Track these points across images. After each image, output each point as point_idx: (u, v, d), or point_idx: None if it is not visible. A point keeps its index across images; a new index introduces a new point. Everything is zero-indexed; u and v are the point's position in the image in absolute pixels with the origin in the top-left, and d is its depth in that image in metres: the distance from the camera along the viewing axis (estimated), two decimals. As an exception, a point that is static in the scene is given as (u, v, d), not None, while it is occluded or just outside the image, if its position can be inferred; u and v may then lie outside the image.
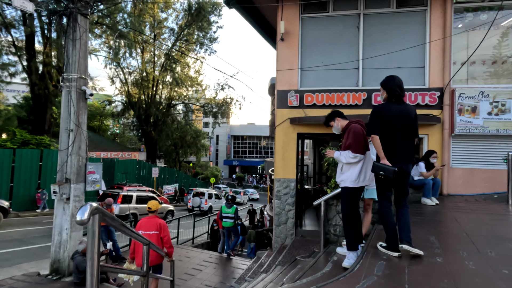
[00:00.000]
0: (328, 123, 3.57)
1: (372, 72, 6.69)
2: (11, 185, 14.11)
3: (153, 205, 4.63)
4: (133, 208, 12.96)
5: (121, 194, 12.59)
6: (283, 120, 6.90)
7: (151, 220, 4.46)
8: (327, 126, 3.58)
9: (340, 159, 3.12)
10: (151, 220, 4.47)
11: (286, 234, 6.78)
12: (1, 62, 15.41)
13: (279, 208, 6.83)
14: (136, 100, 26.58)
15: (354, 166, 3.01)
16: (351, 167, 3.03)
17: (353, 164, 3.01)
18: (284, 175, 6.87)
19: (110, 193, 13.10)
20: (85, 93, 5.94)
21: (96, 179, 6.13)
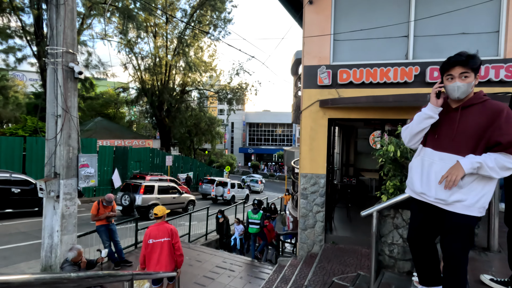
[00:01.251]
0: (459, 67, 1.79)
1: (427, 40, 5.25)
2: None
3: (159, 210, 4.27)
4: (155, 198, 12.72)
5: (143, 185, 12.31)
6: (311, 102, 5.65)
7: (160, 227, 4.15)
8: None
9: (488, 168, 1.70)
10: (161, 226, 4.16)
11: (314, 240, 5.67)
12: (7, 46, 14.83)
13: (305, 209, 5.70)
14: (149, 87, 25.82)
15: (491, 182, 1.78)
16: (487, 183, 1.79)
17: (492, 178, 1.77)
18: (312, 170, 5.69)
19: (133, 183, 12.84)
20: (73, 71, 4.95)
21: (90, 174, 5.22)
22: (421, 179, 1.94)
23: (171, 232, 4.09)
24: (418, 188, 1.96)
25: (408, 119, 5.33)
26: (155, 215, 4.22)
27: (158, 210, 4.25)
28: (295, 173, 7.53)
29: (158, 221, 4.21)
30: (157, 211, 4.24)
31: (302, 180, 5.73)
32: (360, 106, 5.34)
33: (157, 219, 4.22)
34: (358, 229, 5.98)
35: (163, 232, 4.06)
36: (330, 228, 5.87)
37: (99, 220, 6.10)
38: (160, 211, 4.25)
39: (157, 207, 4.31)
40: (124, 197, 11.93)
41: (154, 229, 4.12)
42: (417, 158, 2.03)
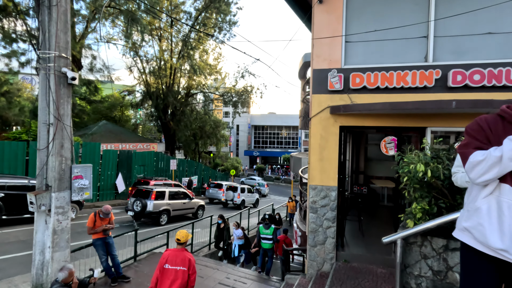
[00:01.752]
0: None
1: (448, 41, 4.81)
2: (26, 179, 13.55)
3: (182, 236, 3.99)
4: (166, 204, 12.80)
5: (154, 191, 12.44)
6: (321, 109, 5.23)
7: (179, 254, 3.85)
8: None
9: None
10: (180, 254, 3.86)
11: (324, 257, 5.23)
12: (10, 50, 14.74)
13: (314, 224, 5.27)
14: (154, 90, 25.69)
15: None
16: None
17: None
18: (322, 182, 5.27)
19: (144, 189, 12.93)
20: (66, 77, 4.63)
21: (84, 186, 4.88)
22: (501, 230, 1.47)
23: (189, 263, 3.78)
24: (497, 243, 1.48)
25: (427, 127, 4.89)
26: (177, 240, 3.93)
27: (181, 236, 3.96)
28: (303, 183, 7.11)
29: (178, 247, 3.93)
30: (180, 237, 3.94)
31: (311, 192, 5.31)
32: (375, 113, 4.91)
33: (179, 245, 3.93)
34: (372, 246, 5.52)
35: (181, 260, 3.76)
36: (341, 244, 5.42)
37: (95, 233, 5.77)
38: (183, 237, 3.96)
39: (181, 232, 4.01)
40: (136, 203, 12.01)
41: (173, 255, 3.82)
42: (489, 198, 1.54)
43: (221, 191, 20.05)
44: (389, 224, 6.95)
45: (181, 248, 3.90)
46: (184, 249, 3.93)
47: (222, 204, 20.32)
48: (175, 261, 3.76)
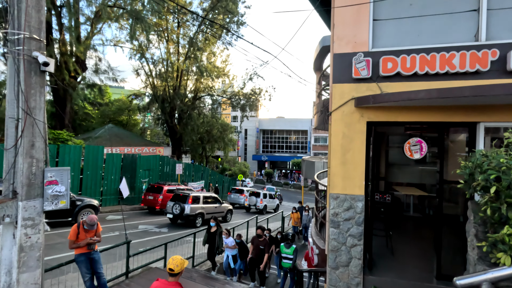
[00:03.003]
0: None
1: (506, 15, 3.85)
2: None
3: (176, 264, 2.98)
4: (200, 208, 13.81)
5: (191, 195, 13.52)
6: (344, 101, 4.32)
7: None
8: None
9: None
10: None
11: (348, 283, 4.26)
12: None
13: (336, 242, 4.32)
14: (161, 93, 25.21)
15: None
16: None
17: None
18: (345, 190, 4.32)
19: (181, 193, 13.92)
20: (38, 63, 3.88)
21: (60, 193, 4.08)
22: None
23: None
24: None
25: (479, 122, 3.91)
26: (170, 270, 2.94)
27: (175, 265, 2.95)
28: (319, 190, 6.17)
29: (171, 279, 2.98)
30: (173, 266, 2.93)
31: (332, 203, 4.37)
32: (412, 105, 3.96)
33: (172, 276, 2.98)
34: (406, 268, 4.52)
35: None
36: (369, 266, 4.44)
37: (78, 248, 4.96)
38: (177, 266, 2.96)
39: (175, 259, 3.00)
40: (175, 206, 13.12)
41: (158, 286, 2.93)
42: None
43: (242, 196, 21.02)
44: (421, 239, 5.92)
45: (173, 282, 2.97)
46: (177, 283, 3.00)
47: (244, 209, 21.19)
48: None
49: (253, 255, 6.99)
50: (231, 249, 7.34)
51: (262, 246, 6.79)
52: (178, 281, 3.01)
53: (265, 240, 6.90)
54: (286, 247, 6.97)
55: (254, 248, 7.03)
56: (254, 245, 7.01)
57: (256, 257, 6.90)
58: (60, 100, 16.92)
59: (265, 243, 6.82)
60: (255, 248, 6.99)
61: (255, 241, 7.04)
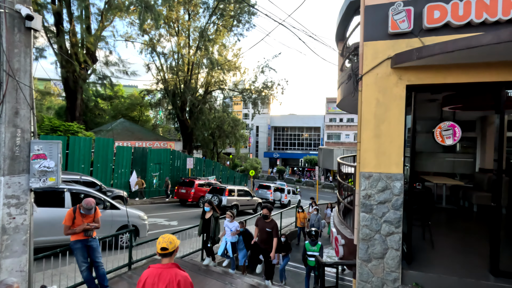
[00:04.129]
0: None
1: None
2: (36, 174, 12.82)
3: (169, 241, 2.44)
4: (235, 200, 14.89)
5: (227, 188, 14.69)
6: (379, 61, 3.60)
7: (164, 273, 2.35)
8: None
9: None
10: (166, 272, 2.35)
11: (383, 278, 3.56)
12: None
13: (369, 229, 3.63)
14: (172, 87, 24.92)
15: None
16: None
17: None
18: (379, 168, 3.62)
19: (218, 187, 15.19)
20: (23, 18, 3.37)
21: (48, 168, 3.57)
22: None
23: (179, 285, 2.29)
24: None
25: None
26: (162, 250, 2.37)
27: (168, 242, 2.39)
28: (342, 173, 5.46)
29: (164, 261, 2.39)
30: (165, 244, 2.38)
31: (363, 183, 3.67)
32: (468, 62, 3.21)
33: (165, 256, 2.38)
34: (452, 263, 3.77)
35: (166, 283, 2.28)
36: (409, 259, 3.72)
37: (74, 234, 4.47)
38: (171, 243, 2.41)
39: (166, 237, 2.45)
40: (213, 198, 14.10)
41: (154, 275, 2.33)
42: None
43: (269, 192, 22.11)
44: (462, 232, 5.13)
45: (168, 263, 2.38)
46: (174, 264, 2.40)
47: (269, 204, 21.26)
48: (157, 285, 2.29)
49: (258, 240, 5.75)
50: (233, 236, 6.13)
51: (269, 229, 5.46)
52: (174, 262, 2.42)
53: (272, 222, 5.52)
54: (311, 244, 6.60)
55: (259, 231, 5.69)
56: (260, 228, 5.67)
57: (262, 242, 5.61)
58: (71, 93, 16.79)
59: (272, 225, 5.46)
60: (260, 231, 5.66)
61: (260, 222, 5.67)
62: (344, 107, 5.91)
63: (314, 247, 6.54)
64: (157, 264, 2.40)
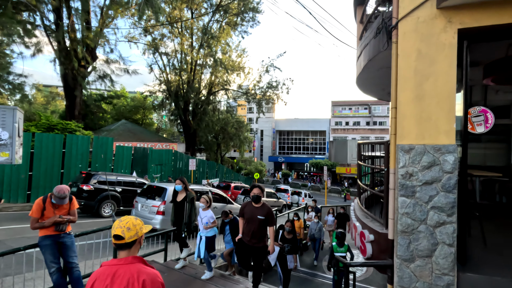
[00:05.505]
0: None
1: None
2: (30, 174, 12.25)
3: (127, 227, 1.65)
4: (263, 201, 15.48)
5: None
6: (421, 1, 2.81)
7: (122, 271, 1.55)
8: None
9: None
10: (123, 270, 1.55)
11: (432, 284, 2.69)
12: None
13: (410, 219, 2.78)
14: (174, 87, 24.39)
15: None
16: None
17: None
18: (423, 138, 2.79)
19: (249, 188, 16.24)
20: None
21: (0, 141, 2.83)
22: None
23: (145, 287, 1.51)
24: None
25: None
26: (117, 239, 1.61)
27: (125, 228, 1.62)
28: (361, 154, 4.62)
29: (121, 254, 1.63)
30: (120, 231, 1.61)
31: (401, 158, 2.84)
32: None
33: (120, 248, 1.63)
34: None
35: (121, 284, 1.51)
36: (461, 259, 2.85)
37: (42, 228, 3.69)
38: (130, 229, 1.63)
39: (125, 220, 1.67)
40: (245, 198, 15.30)
41: (104, 276, 1.56)
42: None
43: (287, 195, 22.59)
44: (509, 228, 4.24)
45: (128, 258, 1.59)
46: (136, 258, 1.62)
47: (287, 207, 22.15)
48: (110, 286, 1.51)
49: (245, 233, 3.94)
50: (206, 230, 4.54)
51: (261, 216, 3.80)
52: (137, 256, 1.62)
53: (266, 207, 3.93)
54: (339, 246, 6.24)
55: (246, 222, 3.94)
56: (247, 216, 3.94)
57: (251, 237, 3.83)
58: (70, 90, 16.26)
59: (266, 211, 3.85)
60: (248, 222, 3.90)
61: (249, 209, 3.96)
62: (366, 84, 5.10)
63: (341, 248, 6.21)
64: (111, 260, 1.59)
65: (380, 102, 47.64)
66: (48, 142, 12.97)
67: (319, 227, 9.34)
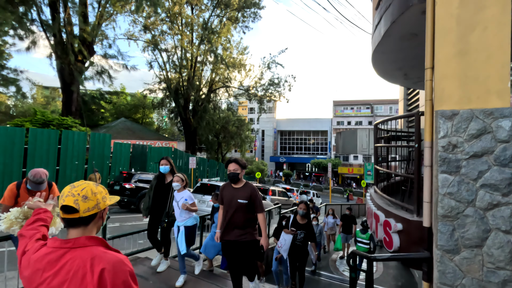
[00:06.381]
0: None
1: None
2: (24, 170, 11.76)
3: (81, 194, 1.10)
4: (277, 199, 15.64)
5: (270, 189, 16.12)
6: None
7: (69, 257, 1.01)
8: None
9: None
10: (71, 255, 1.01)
11: (483, 280, 2.17)
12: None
13: (454, 200, 2.26)
14: (174, 84, 23.95)
15: None
16: None
17: None
18: (468, 102, 2.27)
19: (262, 187, 15.97)
20: None
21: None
22: None
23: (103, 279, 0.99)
24: None
25: None
26: (64, 212, 1.08)
27: (77, 197, 1.10)
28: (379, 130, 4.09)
29: (71, 233, 1.10)
30: (72, 200, 1.09)
31: (441, 126, 2.32)
32: None
33: (71, 225, 1.11)
34: None
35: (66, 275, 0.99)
36: (515, 251, 2.31)
37: (15, 217, 3.18)
38: (86, 198, 1.11)
39: (77, 186, 1.14)
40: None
41: (45, 261, 1.03)
42: None
43: (294, 195, 22.52)
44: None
45: (80, 239, 1.07)
46: (93, 239, 1.09)
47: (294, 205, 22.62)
48: (47, 281, 0.98)
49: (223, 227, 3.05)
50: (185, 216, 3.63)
51: (243, 199, 2.93)
52: (94, 236, 1.10)
53: (249, 188, 3.02)
54: (362, 232, 6.80)
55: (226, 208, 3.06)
56: (226, 201, 3.06)
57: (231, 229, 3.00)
58: (66, 86, 15.81)
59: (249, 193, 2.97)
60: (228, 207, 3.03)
61: (228, 191, 3.07)
62: (382, 61, 4.57)
63: (364, 235, 6.70)
64: (55, 240, 1.08)
65: (382, 102, 47.08)
66: (43, 138, 12.50)
67: (319, 229, 7.99)
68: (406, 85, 6.05)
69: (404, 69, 5.08)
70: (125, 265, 1.06)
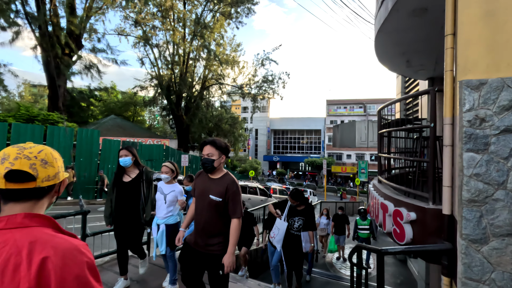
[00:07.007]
0: None
1: None
2: (5, 167, 11.08)
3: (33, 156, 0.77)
4: (278, 198, 15.60)
5: (271, 187, 17.12)
6: None
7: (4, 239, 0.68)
8: None
9: None
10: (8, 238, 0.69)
11: (518, 273, 1.89)
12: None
13: (482, 182, 1.96)
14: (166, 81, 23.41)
15: None
16: None
17: None
18: (497, 70, 1.98)
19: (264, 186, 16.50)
20: None
21: None
22: None
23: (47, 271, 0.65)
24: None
25: None
26: (9, 179, 0.74)
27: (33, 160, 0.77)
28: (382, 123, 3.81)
29: (6, 209, 0.74)
30: (25, 165, 0.76)
31: (467, 98, 2.02)
32: None
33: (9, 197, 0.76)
34: None
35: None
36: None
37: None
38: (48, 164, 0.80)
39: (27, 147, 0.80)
40: None
41: None
42: None
43: None
44: None
45: (18, 216, 0.73)
46: (36, 218, 0.75)
47: None
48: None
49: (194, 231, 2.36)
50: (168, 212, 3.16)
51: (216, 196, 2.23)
52: (40, 214, 0.74)
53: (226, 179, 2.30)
54: (362, 219, 7.22)
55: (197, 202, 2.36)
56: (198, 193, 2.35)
57: (200, 232, 2.27)
58: (53, 80, 15.17)
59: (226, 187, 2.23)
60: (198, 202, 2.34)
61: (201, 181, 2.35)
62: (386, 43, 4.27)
63: (364, 221, 7.15)
64: None
65: (375, 101, 47.33)
66: (27, 134, 11.88)
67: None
68: (406, 74, 5.80)
69: (408, 54, 4.82)
70: (81, 253, 0.73)
